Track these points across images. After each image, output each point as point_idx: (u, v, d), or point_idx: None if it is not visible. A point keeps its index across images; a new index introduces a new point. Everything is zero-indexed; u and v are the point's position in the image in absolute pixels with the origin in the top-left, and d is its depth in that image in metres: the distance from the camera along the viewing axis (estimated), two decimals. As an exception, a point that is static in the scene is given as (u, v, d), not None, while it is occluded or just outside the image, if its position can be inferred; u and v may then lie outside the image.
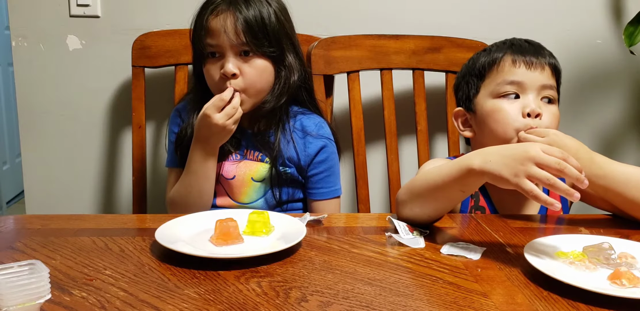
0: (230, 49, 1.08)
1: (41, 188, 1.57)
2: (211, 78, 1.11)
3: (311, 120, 1.19)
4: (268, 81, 1.13)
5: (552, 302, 0.65)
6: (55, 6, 1.48)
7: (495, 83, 1.02)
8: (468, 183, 0.83)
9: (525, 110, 0.98)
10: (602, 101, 1.61)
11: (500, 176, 0.76)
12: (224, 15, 1.07)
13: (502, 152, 0.78)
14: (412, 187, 0.90)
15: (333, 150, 1.20)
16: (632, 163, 1.30)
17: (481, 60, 1.06)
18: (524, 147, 0.77)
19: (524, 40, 1.06)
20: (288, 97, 1.15)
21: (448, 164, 0.85)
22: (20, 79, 1.52)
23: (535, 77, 1.00)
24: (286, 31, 1.14)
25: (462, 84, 1.10)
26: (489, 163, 0.78)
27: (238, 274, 0.72)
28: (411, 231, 0.87)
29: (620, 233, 0.89)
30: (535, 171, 0.74)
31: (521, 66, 1.01)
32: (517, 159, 0.75)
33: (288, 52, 1.14)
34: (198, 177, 1.12)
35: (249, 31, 1.07)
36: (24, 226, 0.93)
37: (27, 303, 0.57)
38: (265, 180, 1.16)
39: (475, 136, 1.09)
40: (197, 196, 1.13)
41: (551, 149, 0.76)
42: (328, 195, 1.20)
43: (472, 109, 1.07)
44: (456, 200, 0.90)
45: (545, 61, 1.02)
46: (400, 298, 0.66)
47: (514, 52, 1.02)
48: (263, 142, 1.15)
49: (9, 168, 3.11)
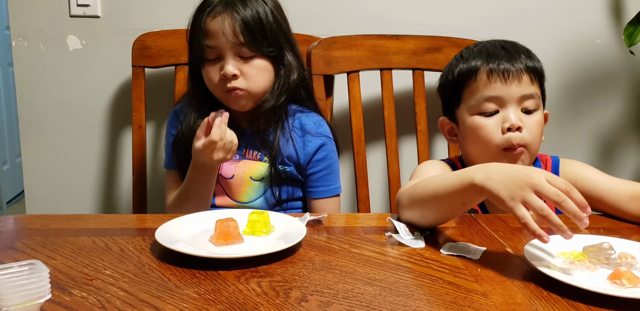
0: (229, 50, 1.08)
1: (41, 188, 1.57)
2: (211, 80, 1.11)
3: (310, 118, 1.19)
4: (268, 80, 1.13)
5: (552, 302, 0.65)
6: (55, 6, 1.48)
7: (474, 99, 1.01)
8: (469, 197, 0.80)
9: (504, 125, 0.98)
10: (602, 101, 1.61)
11: (498, 195, 0.74)
12: (222, 16, 1.07)
13: (506, 172, 0.75)
14: (413, 194, 0.88)
15: (332, 148, 1.20)
16: (632, 163, 1.31)
17: (459, 67, 1.04)
18: (528, 172, 0.74)
19: (499, 45, 1.04)
20: (287, 96, 1.15)
21: (451, 175, 0.83)
22: (20, 79, 1.52)
23: (513, 90, 0.99)
24: (283, 30, 1.14)
25: (443, 91, 1.10)
26: (490, 179, 0.75)
27: (238, 274, 0.72)
28: (411, 232, 0.87)
29: (620, 233, 0.89)
30: (532, 198, 0.71)
31: (497, 80, 0.99)
32: (518, 183, 0.72)
33: (286, 50, 1.14)
34: (197, 192, 1.13)
35: (247, 32, 1.07)
36: (24, 226, 0.93)
37: (27, 303, 0.57)
38: (264, 179, 1.16)
39: (462, 147, 1.10)
40: (196, 208, 1.11)
41: (556, 180, 0.72)
42: (327, 193, 1.20)
43: (455, 121, 1.08)
44: (457, 212, 0.89)
45: (522, 67, 1.00)
46: (400, 298, 0.66)
47: (490, 62, 1.00)
48: (262, 141, 1.15)
49: (9, 168, 3.11)
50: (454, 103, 1.06)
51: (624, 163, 1.65)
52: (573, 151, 1.63)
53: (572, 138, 1.62)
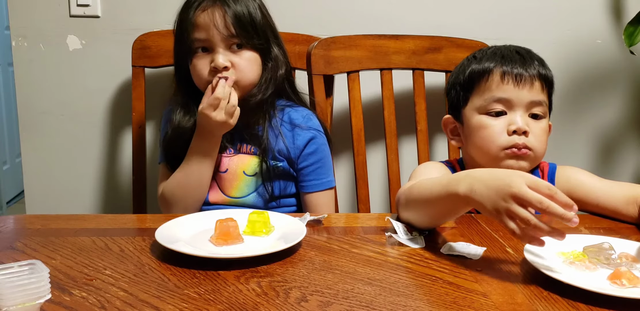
0: (220, 42, 1.09)
1: (41, 188, 1.57)
2: (199, 73, 1.11)
3: (299, 112, 1.20)
4: (257, 73, 1.14)
5: (552, 302, 0.65)
6: (55, 6, 1.48)
7: (482, 99, 1.01)
8: (457, 207, 0.80)
9: (511, 128, 0.98)
10: (602, 101, 1.61)
11: (484, 208, 0.73)
12: (212, 9, 1.09)
13: (487, 182, 0.73)
14: (409, 195, 0.88)
15: (323, 141, 1.20)
16: (632, 163, 1.31)
17: (471, 67, 1.04)
18: (508, 180, 0.70)
19: (514, 50, 1.04)
20: (274, 90, 1.16)
21: (439, 182, 0.82)
22: (20, 79, 1.52)
23: (524, 94, 0.99)
24: (270, 24, 1.16)
25: (451, 90, 1.10)
26: (473, 192, 0.74)
27: (238, 274, 0.72)
28: (409, 232, 0.87)
29: (620, 233, 0.89)
30: (516, 210, 0.69)
31: (510, 82, 0.99)
32: (500, 194, 0.70)
33: (273, 45, 1.16)
34: (199, 167, 1.12)
35: (238, 24, 1.08)
36: (24, 226, 0.93)
37: (27, 303, 0.57)
38: (257, 174, 1.16)
39: (464, 147, 1.09)
40: (196, 186, 1.13)
41: (538, 184, 0.69)
42: (320, 187, 1.20)
43: (460, 120, 1.07)
44: (449, 217, 0.87)
45: (534, 73, 1.00)
46: (400, 298, 0.66)
47: (503, 65, 1.00)
48: (251, 135, 1.16)
49: (9, 168, 3.11)
50: (461, 102, 1.06)
51: (624, 163, 1.65)
52: (573, 151, 1.63)
53: (572, 138, 1.62)
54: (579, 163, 1.60)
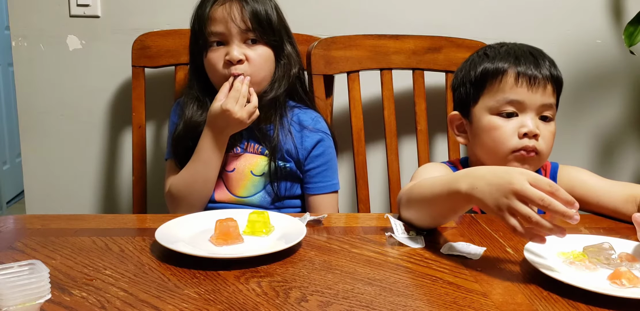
0: (236, 36, 1.10)
1: (41, 188, 1.57)
2: (214, 66, 1.12)
3: (308, 114, 1.21)
4: (270, 69, 1.15)
5: (552, 302, 0.65)
6: (55, 6, 1.48)
7: (494, 99, 1.00)
8: (458, 205, 0.80)
9: (522, 130, 0.98)
10: (602, 101, 1.61)
11: (485, 205, 0.73)
12: (229, 4, 1.10)
13: (489, 180, 0.73)
14: (410, 195, 0.88)
15: (330, 144, 1.21)
16: (632, 163, 1.31)
17: (484, 66, 1.03)
18: (509, 177, 0.71)
19: (527, 50, 1.03)
20: (287, 89, 1.17)
21: (440, 181, 0.82)
22: (20, 79, 1.52)
23: (537, 98, 0.99)
24: (284, 24, 1.18)
25: (460, 86, 1.08)
26: (475, 189, 0.74)
27: (238, 274, 0.72)
28: (407, 230, 0.87)
29: (620, 233, 0.89)
30: (517, 206, 0.69)
31: (524, 84, 0.98)
32: (501, 191, 0.71)
33: (287, 43, 1.18)
34: (207, 165, 1.12)
35: (254, 19, 1.10)
36: (24, 226, 0.93)
37: (27, 303, 0.57)
38: (264, 174, 1.16)
39: (470, 145, 1.09)
40: (203, 184, 1.13)
41: (540, 182, 0.69)
42: (325, 189, 1.20)
43: (468, 118, 1.06)
44: (451, 216, 0.87)
45: (547, 74, 1.00)
46: (400, 298, 0.66)
47: (517, 65, 0.99)
48: (262, 134, 1.16)
49: (9, 168, 3.11)
50: (471, 100, 1.05)
51: (624, 162, 1.65)
52: (573, 150, 1.63)
53: (572, 138, 1.62)
54: (579, 163, 1.59)
